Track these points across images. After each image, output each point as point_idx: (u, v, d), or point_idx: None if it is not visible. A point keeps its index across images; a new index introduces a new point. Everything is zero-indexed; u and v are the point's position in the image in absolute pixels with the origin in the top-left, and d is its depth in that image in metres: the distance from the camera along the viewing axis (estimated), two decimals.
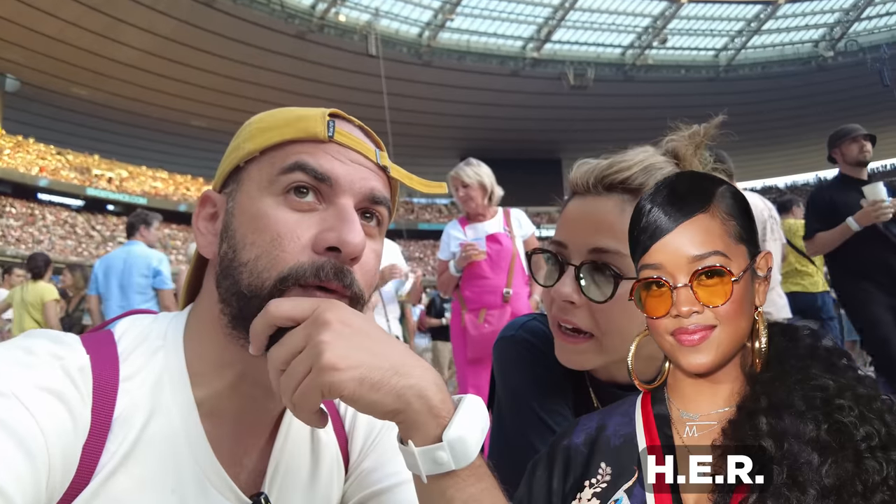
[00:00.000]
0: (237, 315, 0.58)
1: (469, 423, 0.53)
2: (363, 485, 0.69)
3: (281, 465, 0.65)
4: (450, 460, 0.52)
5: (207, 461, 0.58)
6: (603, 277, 0.77)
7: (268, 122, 0.63)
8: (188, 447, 0.57)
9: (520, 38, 39.69)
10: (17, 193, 35.11)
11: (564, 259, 0.80)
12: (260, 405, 0.63)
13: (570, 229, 0.81)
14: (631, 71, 41.03)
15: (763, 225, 3.36)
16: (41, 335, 0.56)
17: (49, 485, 0.49)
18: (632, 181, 0.79)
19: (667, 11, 37.95)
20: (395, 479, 0.68)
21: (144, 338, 0.61)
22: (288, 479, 0.65)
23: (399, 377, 0.51)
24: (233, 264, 0.59)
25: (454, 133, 44.62)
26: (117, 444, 0.53)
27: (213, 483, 0.58)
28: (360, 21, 35.50)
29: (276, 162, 0.60)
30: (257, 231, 0.58)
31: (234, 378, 0.61)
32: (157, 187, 42.34)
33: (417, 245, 42.52)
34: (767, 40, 41.39)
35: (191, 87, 36.83)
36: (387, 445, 0.72)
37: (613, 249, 0.77)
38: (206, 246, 0.63)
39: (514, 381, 0.90)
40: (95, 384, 0.54)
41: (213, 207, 0.65)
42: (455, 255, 3.13)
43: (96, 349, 0.57)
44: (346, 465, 0.71)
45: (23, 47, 32.00)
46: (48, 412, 0.49)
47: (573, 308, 0.78)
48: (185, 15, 31.71)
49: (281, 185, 0.59)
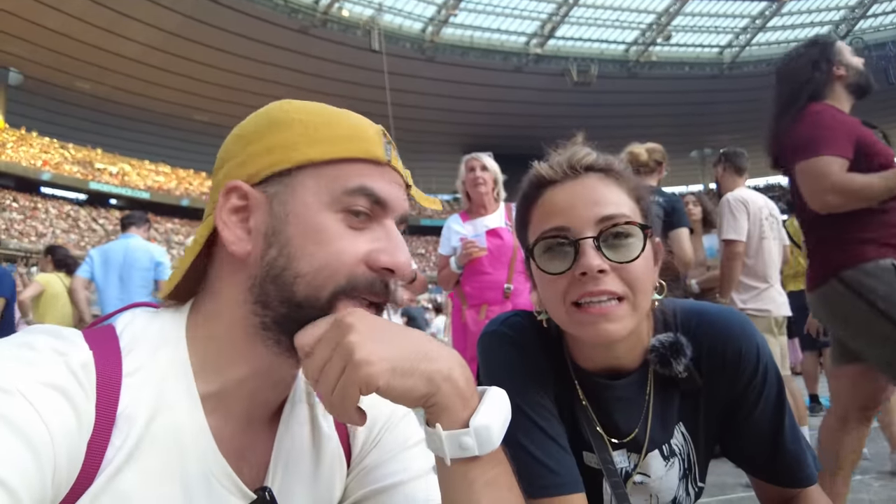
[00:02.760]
0: (281, 321, 0.59)
1: (495, 411, 0.57)
2: (365, 482, 0.70)
3: (283, 458, 0.65)
4: (475, 446, 0.55)
5: (212, 456, 0.58)
6: (621, 240, 0.82)
7: (325, 131, 0.61)
8: (193, 443, 0.57)
9: (523, 34, 39.61)
10: (21, 187, 35.21)
11: (575, 237, 0.82)
12: (264, 397, 0.64)
13: (568, 212, 0.84)
14: (634, 68, 40.94)
15: (760, 223, 3.35)
16: (43, 331, 0.56)
17: (55, 481, 0.49)
18: (598, 162, 0.87)
19: (671, 8, 37.82)
20: (396, 478, 0.68)
21: (147, 332, 0.60)
22: (290, 473, 0.65)
23: (427, 362, 0.54)
24: (285, 273, 0.58)
25: (457, 129, 44.59)
26: (122, 439, 0.53)
27: (217, 478, 0.58)
28: (363, 16, 35.46)
29: (338, 179, 0.60)
30: (318, 244, 0.59)
31: (246, 373, 0.61)
32: (160, 182, 42.40)
33: (419, 241, 42.57)
34: (772, 37, 41.23)
35: (194, 81, 36.87)
36: (389, 443, 0.72)
37: (620, 214, 0.83)
38: (236, 242, 0.60)
39: (497, 376, 0.90)
40: (99, 380, 0.54)
41: (242, 200, 0.61)
42: (456, 250, 3.09)
43: (99, 344, 0.57)
44: (347, 461, 0.71)
45: (26, 41, 32.04)
46: (52, 408, 0.49)
47: (605, 276, 0.81)
48: (189, 10, 31.71)
49: (342, 205, 0.60)
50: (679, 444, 0.92)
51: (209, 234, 0.62)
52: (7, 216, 32.11)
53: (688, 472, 0.93)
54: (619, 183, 0.86)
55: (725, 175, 3.58)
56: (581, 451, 0.91)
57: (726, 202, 3.36)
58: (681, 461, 0.92)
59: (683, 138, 44.60)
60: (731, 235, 3.27)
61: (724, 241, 3.30)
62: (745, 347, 0.88)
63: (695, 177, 48.74)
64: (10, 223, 31.64)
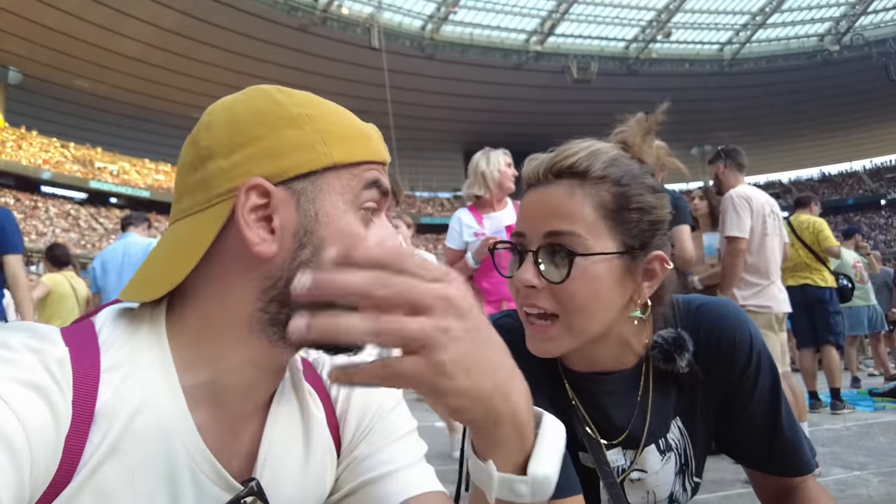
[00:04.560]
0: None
1: (555, 456, 0.50)
2: (356, 472, 0.69)
3: (272, 449, 0.64)
4: (528, 495, 0.49)
5: (196, 449, 0.57)
6: (559, 258, 0.80)
7: (340, 131, 0.61)
8: (177, 436, 0.56)
9: (523, 32, 39.56)
10: (21, 186, 35.21)
11: (523, 247, 0.83)
12: (257, 386, 0.63)
13: (527, 219, 0.84)
14: (635, 65, 40.89)
15: (762, 220, 3.36)
16: (18, 328, 0.55)
17: (32, 478, 0.48)
18: (578, 165, 0.82)
19: (671, 4, 37.76)
20: (387, 468, 0.67)
21: (126, 327, 0.59)
22: (279, 464, 0.64)
23: (505, 400, 0.47)
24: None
25: (456, 126, 44.56)
26: (101, 435, 0.53)
27: (204, 471, 0.58)
28: (362, 14, 35.41)
29: (356, 177, 0.61)
30: (351, 246, 0.57)
31: (240, 363, 0.59)
32: (160, 180, 42.38)
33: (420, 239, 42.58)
34: (772, 34, 41.18)
35: (193, 79, 36.83)
36: (380, 433, 0.71)
37: (566, 231, 0.80)
38: (260, 242, 0.57)
39: None
40: (75, 376, 0.53)
41: (264, 198, 0.58)
42: (469, 245, 3.07)
43: (76, 341, 0.56)
44: (338, 451, 0.71)
45: (25, 39, 32.01)
46: (26, 405, 0.49)
47: (535, 292, 0.81)
48: (188, 7, 31.66)
49: (361, 201, 0.61)
50: (675, 439, 0.92)
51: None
52: None
53: (684, 467, 0.93)
54: (592, 192, 0.81)
55: (727, 172, 3.58)
56: (577, 451, 0.91)
57: (730, 199, 3.36)
58: (677, 456, 0.92)
59: (683, 135, 44.58)
60: (734, 232, 3.28)
61: (728, 238, 3.30)
62: (739, 336, 0.87)
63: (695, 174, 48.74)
64: None
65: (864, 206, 45.49)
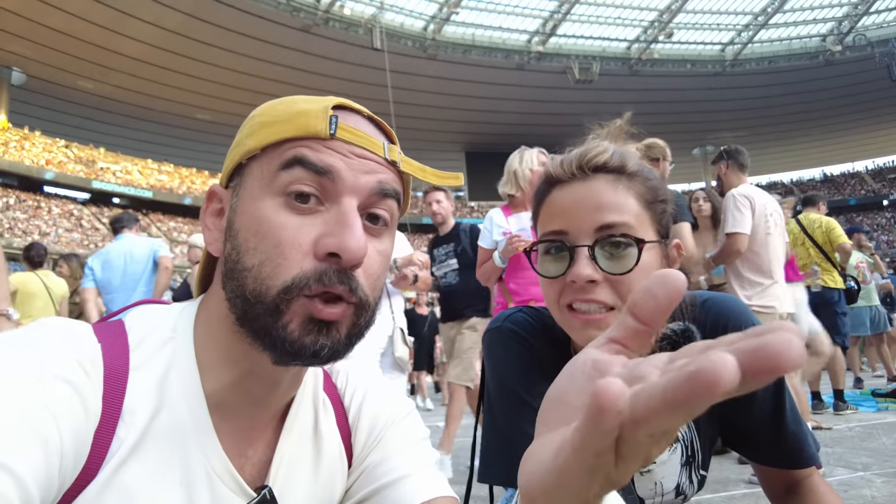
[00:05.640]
0: (242, 317, 0.57)
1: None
2: (368, 479, 0.69)
3: (285, 458, 0.65)
4: None
5: (214, 453, 0.58)
6: (617, 250, 0.81)
7: (269, 117, 0.60)
8: (196, 439, 0.57)
9: (525, 32, 39.53)
10: (24, 186, 35.27)
11: (571, 243, 0.82)
12: (263, 401, 0.63)
13: (570, 214, 0.83)
14: (636, 65, 40.83)
15: (765, 219, 3.36)
16: (52, 323, 0.57)
17: (61, 471, 0.49)
18: (612, 162, 0.84)
19: (672, 5, 37.71)
20: (398, 473, 0.67)
21: (155, 328, 0.60)
22: (292, 472, 0.65)
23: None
24: (237, 267, 0.57)
25: (459, 127, 44.55)
26: (126, 431, 0.54)
27: (219, 475, 0.58)
28: (364, 14, 35.42)
29: (275, 158, 0.58)
30: (259, 235, 0.56)
31: (239, 374, 0.60)
32: (163, 180, 42.45)
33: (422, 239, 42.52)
34: (774, 34, 41.08)
35: (196, 80, 36.88)
36: (391, 441, 0.71)
37: (620, 222, 0.81)
38: (212, 243, 0.63)
39: (502, 370, 0.92)
40: (106, 373, 0.55)
41: (219, 203, 0.63)
42: (498, 244, 3.04)
43: (107, 338, 0.58)
44: (349, 460, 0.71)
45: (29, 40, 32.08)
46: (59, 399, 0.50)
47: (594, 287, 0.81)
48: (191, 8, 31.71)
49: (282, 183, 0.57)
50: (682, 430, 0.92)
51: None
52: (10, 215, 32.18)
53: (691, 459, 0.94)
54: (631, 186, 0.83)
55: (730, 173, 3.59)
56: None
57: (731, 198, 3.37)
58: (683, 447, 0.93)
59: (685, 136, 44.54)
60: (735, 228, 3.29)
61: (728, 234, 3.31)
62: (745, 328, 0.88)
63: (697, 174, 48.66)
64: (14, 222, 31.71)
65: (867, 206, 45.36)
